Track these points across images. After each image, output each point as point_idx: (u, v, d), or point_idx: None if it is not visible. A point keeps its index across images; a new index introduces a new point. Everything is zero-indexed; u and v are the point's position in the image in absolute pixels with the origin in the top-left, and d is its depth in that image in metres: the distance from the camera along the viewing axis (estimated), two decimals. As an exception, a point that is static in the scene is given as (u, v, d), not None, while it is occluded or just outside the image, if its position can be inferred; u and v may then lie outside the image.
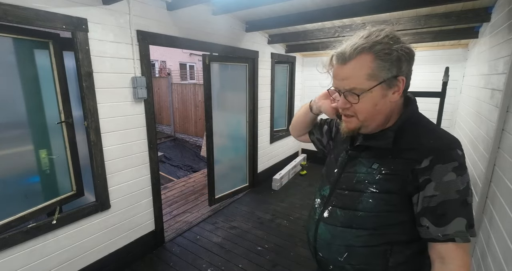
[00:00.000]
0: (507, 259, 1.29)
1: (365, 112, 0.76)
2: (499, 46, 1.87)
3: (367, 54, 0.70)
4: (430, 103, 3.29)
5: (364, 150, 0.83)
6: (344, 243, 0.82)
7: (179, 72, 13.43)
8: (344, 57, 0.73)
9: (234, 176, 3.79)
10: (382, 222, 0.77)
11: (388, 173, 0.76)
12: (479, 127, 2.09)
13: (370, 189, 0.77)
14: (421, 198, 0.72)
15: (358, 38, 0.72)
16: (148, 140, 2.37)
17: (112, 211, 2.19)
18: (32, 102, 1.76)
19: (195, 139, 8.65)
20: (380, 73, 0.71)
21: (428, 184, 0.71)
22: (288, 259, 2.50)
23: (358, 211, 0.79)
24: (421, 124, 0.79)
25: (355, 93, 0.74)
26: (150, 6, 2.23)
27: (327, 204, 0.88)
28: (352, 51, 0.71)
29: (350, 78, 0.73)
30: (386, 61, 0.70)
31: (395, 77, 0.72)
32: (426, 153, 0.72)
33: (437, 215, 0.70)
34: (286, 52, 4.31)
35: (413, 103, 0.83)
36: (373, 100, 0.74)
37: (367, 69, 0.71)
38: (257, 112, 3.80)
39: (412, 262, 0.79)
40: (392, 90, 0.74)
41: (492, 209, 1.57)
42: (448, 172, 0.69)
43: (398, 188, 0.74)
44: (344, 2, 2.42)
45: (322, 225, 0.87)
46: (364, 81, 0.72)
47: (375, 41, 0.70)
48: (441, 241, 0.70)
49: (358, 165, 0.83)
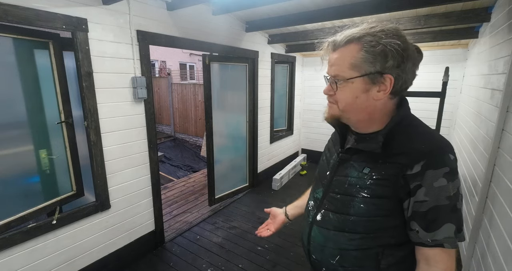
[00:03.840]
0: (507, 259, 1.29)
1: (344, 102, 0.76)
2: (499, 46, 1.87)
3: (355, 44, 0.70)
4: (430, 103, 3.30)
5: (355, 153, 0.82)
6: (337, 246, 0.82)
7: (179, 72, 13.43)
8: (334, 44, 0.74)
9: (234, 176, 3.79)
10: (374, 226, 0.77)
11: (379, 178, 0.74)
12: (479, 127, 2.09)
13: (362, 194, 0.76)
14: (411, 203, 0.72)
15: (355, 28, 0.72)
16: (148, 140, 2.37)
17: (112, 211, 2.19)
18: (32, 102, 1.76)
19: (195, 139, 8.65)
20: (362, 65, 0.70)
21: (418, 189, 0.70)
22: (288, 259, 2.50)
23: (350, 215, 0.79)
24: (413, 127, 0.77)
25: (337, 80, 0.74)
26: (150, 6, 2.23)
27: (320, 207, 0.88)
28: (342, 38, 0.72)
29: (335, 65, 0.74)
30: (370, 53, 0.69)
31: (380, 74, 0.70)
32: (418, 158, 0.70)
33: (427, 221, 0.70)
34: (286, 52, 4.31)
35: (405, 104, 0.80)
36: (353, 91, 0.73)
37: (351, 58, 0.71)
38: (257, 112, 3.80)
39: (403, 263, 0.80)
40: (376, 87, 0.72)
41: (492, 209, 1.57)
42: (439, 177, 0.68)
43: (390, 193, 0.73)
44: (344, 2, 2.42)
45: (316, 228, 0.87)
46: (346, 70, 0.72)
47: (367, 32, 0.70)
48: (429, 246, 0.71)
49: (350, 168, 0.81)
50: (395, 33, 0.69)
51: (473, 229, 1.83)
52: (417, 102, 3.17)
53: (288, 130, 4.87)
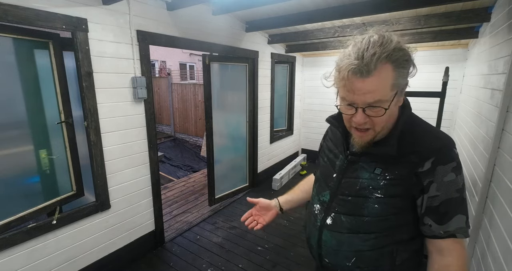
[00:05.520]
0: (507, 259, 1.28)
1: (382, 124, 0.74)
2: (499, 46, 1.87)
3: (388, 63, 0.67)
4: (430, 103, 3.29)
5: (363, 154, 0.81)
6: (352, 248, 0.82)
7: (179, 72, 13.43)
8: (368, 69, 0.65)
9: (234, 176, 3.79)
10: (388, 225, 0.78)
11: (393, 178, 0.75)
12: (479, 127, 2.09)
13: (375, 194, 0.77)
14: (425, 199, 0.74)
15: (370, 47, 0.66)
16: (148, 139, 2.37)
17: (112, 211, 2.19)
18: (32, 102, 1.76)
19: (195, 139, 8.65)
20: (400, 81, 0.69)
21: (431, 185, 0.73)
22: (288, 259, 2.50)
23: (364, 216, 0.79)
24: (417, 125, 0.80)
25: (381, 107, 0.69)
26: (150, 6, 2.23)
27: (329, 210, 0.86)
28: (375, 61, 0.65)
29: (375, 91, 0.68)
30: (406, 69, 0.69)
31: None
32: (428, 155, 0.73)
33: (439, 214, 0.73)
34: (286, 52, 4.31)
35: (408, 104, 0.82)
36: (391, 109, 0.72)
37: (391, 79, 0.68)
38: (257, 112, 3.80)
39: (416, 257, 0.82)
40: (402, 96, 0.74)
41: (492, 209, 1.57)
42: (449, 172, 0.72)
43: (403, 191, 0.75)
44: (344, 2, 2.42)
45: (327, 232, 0.86)
46: (389, 92, 0.69)
47: (394, 47, 0.66)
48: (442, 237, 0.74)
49: (360, 170, 0.81)
50: (397, 40, 0.69)
51: (473, 229, 1.82)
52: (417, 102, 3.14)
53: (288, 130, 4.87)
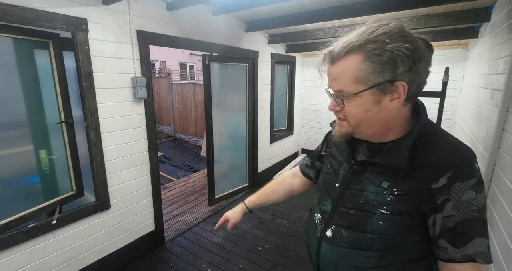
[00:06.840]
0: (507, 259, 1.28)
1: (355, 117, 0.69)
2: (499, 46, 1.87)
3: (356, 54, 0.62)
4: (430, 103, 3.29)
5: (370, 164, 0.75)
6: (352, 264, 0.76)
7: (179, 72, 13.44)
8: (332, 56, 0.65)
9: (234, 176, 3.79)
10: (393, 243, 0.71)
11: (401, 193, 0.68)
12: (479, 127, 2.09)
13: (380, 210, 0.70)
14: (439, 219, 0.66)
15: (353, 35, 0.64)
16: (148, 140, 2.37)
17: (112, 211, 2.19)
18: (32, 102, 1.76)
19: (195, 139, 8.65)
20: (369, 77, 0.62)
21: (446, 203, 0.64)
22: (288, 259, 2.50)
23: (367, 233, 0.73)
24: (433, 135, 0.70)
25: (342, 96, 0.67)
26: (150, 6, 2.23)
27: (329, 222, 0.81)
28: (341, 49, 0.63)
29: (338, 80, 0.66)
30: (376, 63, 0.61)
31: (390, 82, 0.62)
32: (443, 170, 0.64)
33: (455, 235, 0.65)
34: (286, 52, 4.31)
35: (423, 111, 0.72)
36: (363, 105, 0.66)
37: (354, 70, 0.63)
38: (257, 112, 3.80)
39: None
40: (388, 97, 0.64)
41: (492, 209, 1.57)
42: (467, 190, 0.63)
43: (412, 209, 0.68)
44: (344, 2, 2.42)
45: (326, 244, 0.81)
46: (351, 84, 0.64)
47: (368, 39, 0.61)
48: (460, 261, 0.65)
49: (365, 181, 0.74)
50: (400, 34, 0.61)
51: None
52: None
53: (288, 130, 4.88)
